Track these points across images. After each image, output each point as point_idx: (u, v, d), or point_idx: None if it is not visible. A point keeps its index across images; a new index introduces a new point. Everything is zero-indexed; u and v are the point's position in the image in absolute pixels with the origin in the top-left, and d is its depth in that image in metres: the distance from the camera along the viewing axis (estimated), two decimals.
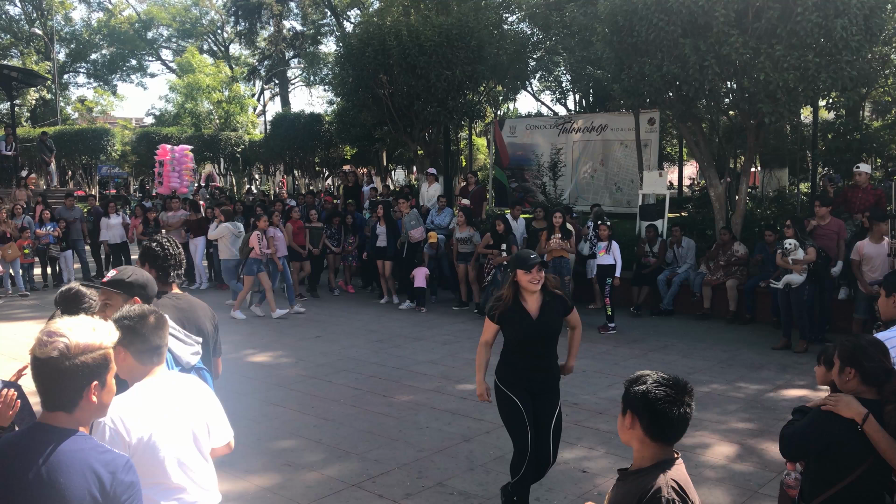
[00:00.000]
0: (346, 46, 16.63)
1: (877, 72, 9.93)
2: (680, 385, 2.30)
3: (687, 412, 2.27)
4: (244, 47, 44.54)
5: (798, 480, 3.18)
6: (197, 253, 14.33)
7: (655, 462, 2.30)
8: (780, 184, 16.75)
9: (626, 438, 2.39)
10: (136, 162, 32.45)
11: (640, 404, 2.29)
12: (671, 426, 2.27)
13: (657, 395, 2.25)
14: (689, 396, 2.29)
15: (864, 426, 2.82)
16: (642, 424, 2.29)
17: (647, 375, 2.34)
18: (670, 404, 2.25)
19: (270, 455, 5.84)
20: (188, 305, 3.92)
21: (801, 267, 8.90)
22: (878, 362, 2.92)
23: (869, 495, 2.90)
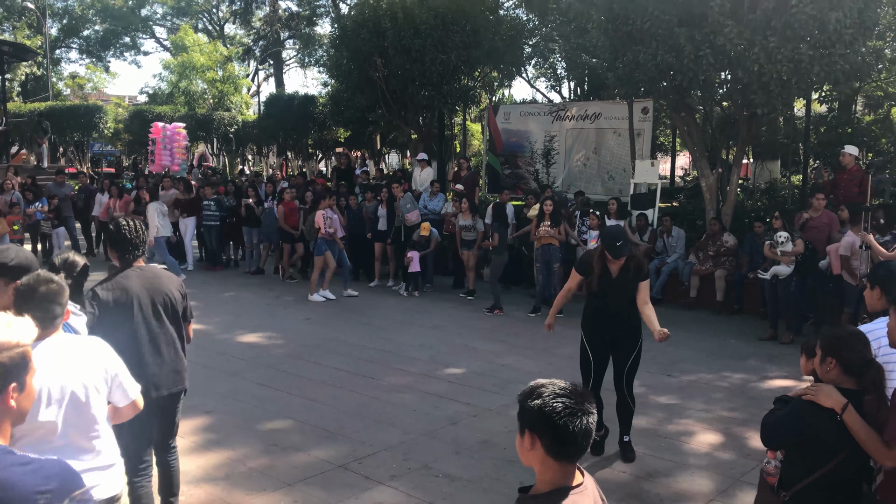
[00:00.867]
0: (340, 28, 16.55)
1: (870, 66, 9.95)
2: (579, 393, 2.06)
3: (590, 423, 2.02)
4: (239, 27, 44.21)
5: (778, 468, 3.23)
6: (187, 233, 14.27)
7: (552, 489, 2.04)
8: (771, 176, 16.81)
9: (526, 460, 2.09)
10: (129, 140, 32.24)
11: (539, 421, 2.01)
12: (574, 442, 2.00)
13: (555, 408, 1.99)
14: (590, 404, 2.05)
15: (843, 416, 2.86)
16: (543, 443, 2.02)
17: (542, 387, 2.08)
18: (571, 417, 1.99)
19: (258, 435, 5.88)
20: (154, 275, 4.15)
21: (789, 259, 8.98)
22: (859, 353, 2.97)
23: (846, 483, 2.95)
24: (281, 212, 13.02)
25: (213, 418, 6.25)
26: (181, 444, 5.59)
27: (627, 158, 14.28)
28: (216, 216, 14.15)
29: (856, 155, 10.69)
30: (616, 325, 5.47)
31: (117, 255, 4.08)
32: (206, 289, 12.26)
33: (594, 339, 5.55)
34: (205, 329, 9.48)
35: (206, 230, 14.39)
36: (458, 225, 11.85)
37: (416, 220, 12.35)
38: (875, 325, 3.56)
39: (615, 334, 5.49)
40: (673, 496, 4.91)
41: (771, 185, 15.55)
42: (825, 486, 2.92)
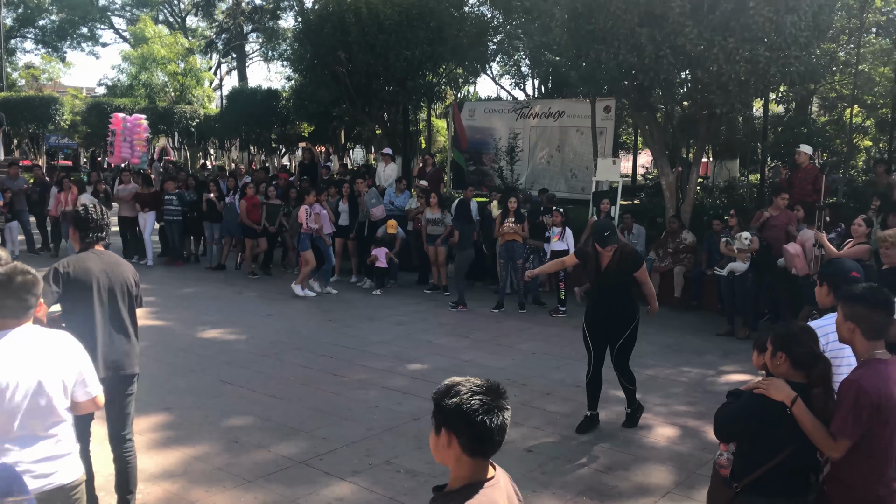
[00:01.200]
0: (304, 22, 16.43)
1: (824, 68, 10.21)
2: (495, 390, 2.09)
3: (505, 419, 2.06)
4: (201, 19, 43.56)
5: (730, 460, 3.30)
6: (146, 228, 14.04)
7: (465, 484, 2.06)
8: (730, 175, 17.09)
9: (441, 458, 2.11)
10: (87, 133, 31.60)
11: (457, 419, 2.03)
12: (491, 438, 2.04)
13: (473, 405, 2.02)
14: (504, 400, 2.08)
15: (792, 408, 2.94)
16: (460, 441, 2.03)
17: (459, 385, 2.08)
18: (489, 414, 2.02)
19: (218, 432, 5.83)
20: (113, 261, 4.29)
21: (745, 256, 9.19)
22: (808, 348, 3.05)
23: (795, 474, 3.03)
24: (243, 206, 12.88)
25: (171, 415, 6.18)
26: (139, 441, 5.52)
27: (590, 156, 14.43)
28: (178, 211, 13.95)
29: (810, 154, 10.94)
30: (610, 313, 5.99)
31: (79, 236, 4.21)
32: (167, 284, 12.09)
33: (592, 327, 6.09)
34: (165, 325, 9.36)
35: (167, 225, 14.18)
36: (426, 219, 11.83)
37: (382, 216, 12.33)
38: (824, 321, 3.67)
39: (610, 322, 6.03)
40: (631, 489, 4.99)
41: (729, 184, 15.82)
42: (775, 477, 3.00)
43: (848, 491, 2.98)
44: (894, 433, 2.95)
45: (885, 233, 5.06)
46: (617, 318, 6.01)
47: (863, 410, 2.87)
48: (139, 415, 6.06)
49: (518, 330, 9.55)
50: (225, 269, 13.69)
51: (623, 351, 6.06)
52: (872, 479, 2.97)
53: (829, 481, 3.05)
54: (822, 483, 3.09)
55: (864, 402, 2.87)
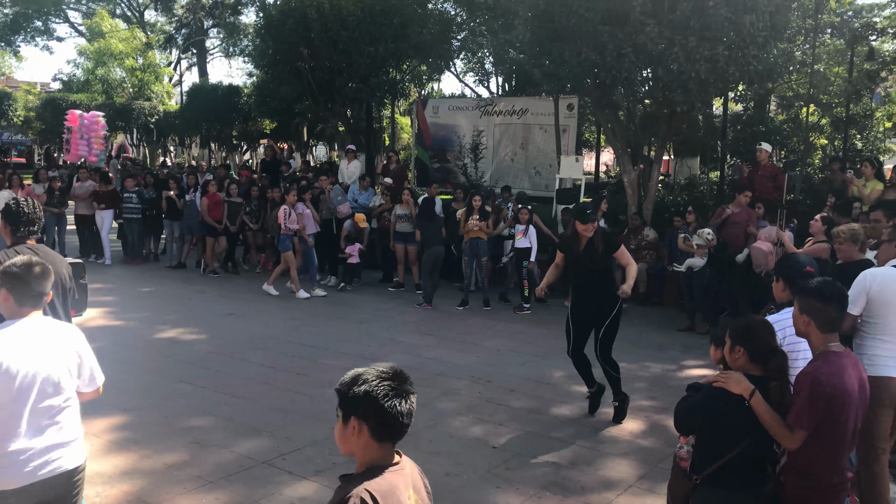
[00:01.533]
0: (266, 18, 16.23)
1: (781, 67, 10.40)
2: (400, 375, 2.14)
3: (412, 404, 2.12)
4: (160, 14, 42.76)
5: (690, 453, 3.35)
6: (104, 226, 13.76)
7: (367, 468, 2.11)
8: (691, 172, 17.35)
9: (349, 448, 2.14)
10: (42, 129, 30.86)
11: (366, 405, 2.07)
12: (399, 422, 2.08)
13: (382, 391, 2.07)
14: (410, 385, 2.14)
15: (751, 401, 3.00)
16: (370, 427, 2.08)
17: (364, 373, 2.13)
18: (398, 398, 2.08)
19: (179, 433, 5.73)
20: (47, 256, 4.17)
21: (703, 252, 9.35)
22: (765, 342, 3.11)
23: (753, 466, 3.09)
24: (204, 204, 12.70)
25: (130, 416, 6.06)
26: (97, 443, 5.42)
27: (553, 154, 14.51)
28: (137, 209, 13.69)
29: (770, 152, 11.15)
30: (592, 297, 6.11)
31: (10, 230, 4.18)
32: (126, 283, 11.87)
33: (575, 311, 6.23)
34: (123, 325, 9.18)
35: (126, 223, 13.91)
36: (395, 214, 11.74)
37: (348, 212, 12.24)
38: (782, 315, 3.74)
39: (591, 308, 6.13)
40: (595, 483, 5.03)
41: (690, 181, 16.05)
42: (734, 468, 3.05)
43: (804, 480, 3.04)
44: (847, 424, 3.02)
45: (839, 228, 5.17)
46: (601, 304, 6.10)
47: (818, 402, 2.93)
48: (97, 416, 5.95)
49: (482, 327, 9.56)
50: (185, 267, 13.48)
51: (607, 336, 6.16)
52: (827, 468, 3.04)
53: (785, 471, 3.11)
54: (779, 473, 3.14)
55: (820, 394, 2.93)
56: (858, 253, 5.00)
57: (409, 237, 11.51)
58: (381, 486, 2.06)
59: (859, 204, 9.19)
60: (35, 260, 3.09)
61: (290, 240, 11.10)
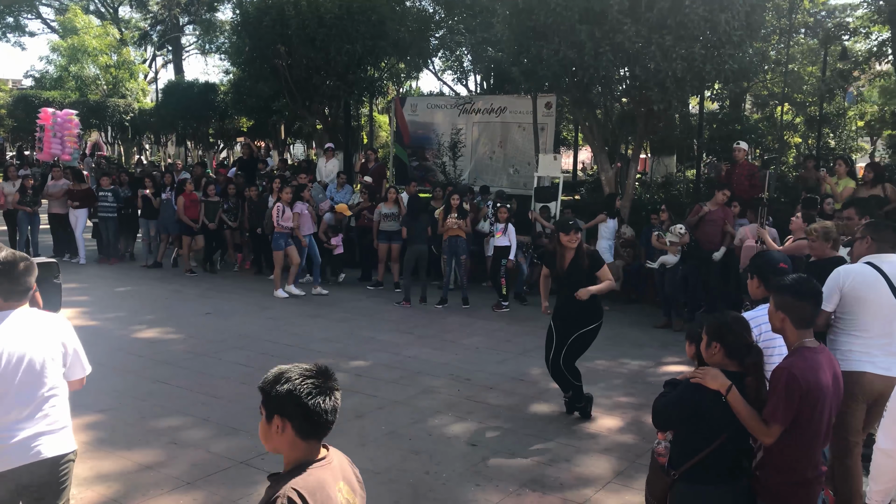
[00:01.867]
0: (242, 14, 16.09)
1: (757, 66, 10.51)
2: (324, 372, 2.15)
3: (337, 400, 2.13)
4: (135, 10, 42.26)
5: (668, 449, 3.37)
6: (78, 225, 13.57)
7: (294, 465, 2.13)
8: (667, 170, 17.51)
9: (273, 446, 2.15)
10: (14, 127, 30.38)
11: (290, 404, 2.08)
12: (324, 420, 2.10)
13: (305, 389, 2.08)
14: (334, 382, 2.16)
15: (727, 397, 3.02)
16: (294, 426, 2.09)
17: (288, 371, 2.13)
18: (321, 396, 2.10)
19: (155, 433, 5.67)
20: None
21: (676, 249, 9.45)
22: (741, 337, 3.14)
23: (730, 461, 3.12)
24: (181, 203, 12.58)
25: (105, 416, 5.99)
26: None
27: (532, 152, 14.54)
28: (113, 207, 13.53)
29: (746, 150, 11.27)
30: (573, 310, 6.10)
31: None
32: (101, 283, 11.73)
33: (556, 319, 6.26)
34: (99, 325, 9.07)
35: (101, 222, 13.74)
36: (380, 213, 11.67)
37: (326, 209, 12.17)
38: (757, 311, 3.78)
39: (572, 318, 6.14)
40: (574, 480, 5.06)
41: (667, 179, 16.19)
42: (711, 463, 3.08)
43: (779, 474, 3.08)
44: (822, 418, 3.06)
45: (812, 226, 5.23)
46: (580, 317, 6.10)
47: (793, 397, 2.97)
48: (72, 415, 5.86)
49: (461, 325, 9.57)
50: (161, 266, 13.35)
51: (577, 345, 6.13)
52: (802, 462, 3.08)
53: (761, 466, 3.15)
54: (755, 468, 3.18)
55: (795, 389, 2.97)
56: (831, 250, 5.07)
57: (394, 236, 11.47)
58: (309, 483, 2.06)
59: (832, 201, 9.32)
60: (19, 255, 3.10)
61: (284, 238, 10.93)
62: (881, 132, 23.87)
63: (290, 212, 10.96)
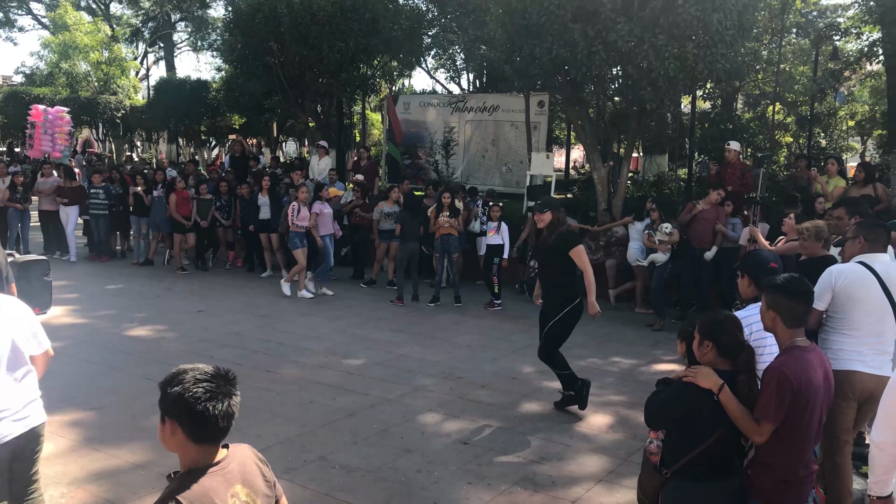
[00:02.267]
0: (235, 12, 16.05)
1: (748, 66, 10.53)
2: (222, 376, 2.13)
3: (231, 405, 2.10)
4: (126, 6, 42.05)
5: (660, 447, 3.38)
6: (69, 223, 13.50)
7: (186, 470, 2.11)
8: (659, 169, 17.53)
9: (169, 447, 2.13)
10: (4, 123, 30.19)
11: (178, 408, 2.05)
12: (215, 425, 2.07)
13: (196, 394, 2.05)
14: (232, 386, 2.13)
15: (719, 395, 3.03)
16: (184, 430, 2.06)
17: (183, 373, 2.10)
18: (212, 401, 2.06)
19: (145, 432, 5.65)
20: None
21: (666, 247, 9.48)
22: (734, 336, 3.15)
23: (722, 459, 3.13)
24: (173, 200, 12.53)
25: (96, 415, 5.96)
26: (60, 443, 5.32)
27: (524, 151, 14.56)
28: (104, 205, 13.46)
29: (738, 150, 11.30)
30: (545, 293, 6.19)
31: None
32: (92, 281, 11.67)
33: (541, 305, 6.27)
34: (90, 323, 9.03)
35: (92, 219, 13.67)
36: (382, 212, 11.60)
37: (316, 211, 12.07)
38: (748, 311, 3.79)
39: (545, 302, 6.22)
40: (565, 478, 5.06)
41: (659, 178, 16.22)
42: (703, 462, 3.08)
43: (771, 473, 3.09)
44: (813, 417, 3.07)
45: (803, 225, 5.25)
46: (550, 300, 6.16)
47: (785, 396, 2.98)
48: (63, 414, 5.85)
49: (454, 323, 9.57)
50: (153, 264, 13.30)
51: (550, 336, 6.16)
52: (794, 461, 3.09)
53: (753, 464, 3.16)
54: (747, 466, 3.19)
55: (786, 388, 2.98)
56: (822, 249, 5.09)
57: (394, 234, 11.42)
58: (194, 493, 2.02)
59: (823, 200, 9.36)
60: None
61: (300, 237, 10.82)
62: (871, 132, 23.99)
63: (307, 211, 10.84)
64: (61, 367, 7.23)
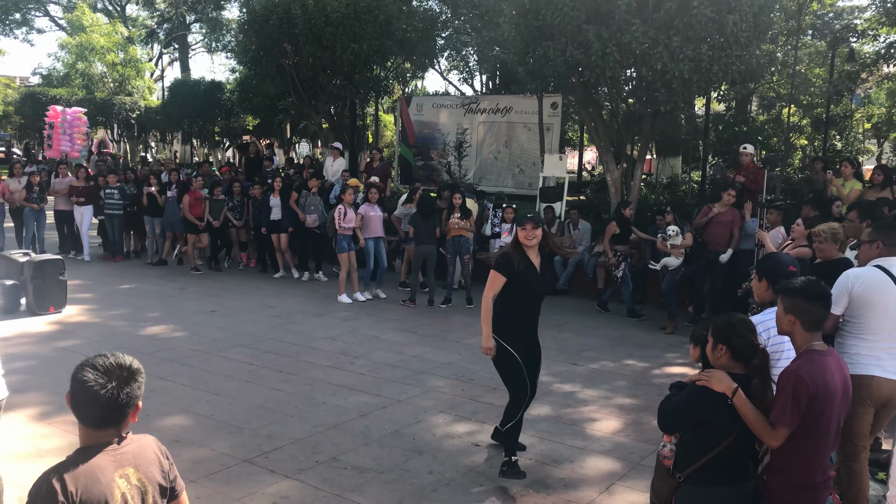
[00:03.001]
0: (249, 13, 16.12)
1: (763, 67, 10.46)
2: (117, 367, 2.22)
3: (119, 394, 2.17)
4: (142, 8, 42.37)
5: (673, 451, 3.35)
6: (83, 222, 13.60)
7: (77, 449, 2.22)
8: (673, 171, 17.46)
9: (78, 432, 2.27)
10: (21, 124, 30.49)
11: (72, 392, 2.19)
12: (100, 410, 2.16)
13: (84, 379, 2.16)
14: (126, 375, 2.22)
15: (733, 399, 3.00)
16: (76, 413, 2.20)
17: (84, 362, 2.22)
18: (95, 388, 2.15)
19: (158, 431, 5.66)
20: None
21: (679, 251, 9.41)
22: (747, 339, 3.11)
23: (735, 464, 3.10)
24: (186, 201, 12.58)
25: None
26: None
27: (537, 152, 14.54)
28: (119, 205, 13.55)
29: (753, 154, 11.23)
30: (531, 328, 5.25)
31: None
32: (106, 280, 11.75)
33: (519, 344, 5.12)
34: (103, 322, 9.09)
35: (107, 219, 13.75)
36: (407, 214, 11.60)
37: (314, 224, 11.96)
38: (765, 315, 3.75)
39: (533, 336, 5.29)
40: (577, 480, 5.04)
41: (672, 181, 16.15)
42: (716, 466, 3.06)
43: (786, 478, 3.05)
44: (830, 422, 3.03)
45: (819, 227, 5.20)
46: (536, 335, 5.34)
47: (801, 400, 2.94)
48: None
49: (465, 325, 9.55)
50: (166, 264, 13.37)
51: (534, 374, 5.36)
52: (811, 466, 3.05)
53: (768, 470, 3.12)
54: (762, 472, 3.15)
55: (802, 392, 2.94)
56: (838, 252, 5.04)
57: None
58: (78, 470, 2.13)
59: (840, 203, 9.27)
60: None
61: (347, 240, 10.74)
62: (888, 135, 23.79)
63: (353, 213, 10.75)
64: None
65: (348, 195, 10.83)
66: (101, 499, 2.12)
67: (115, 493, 2.16)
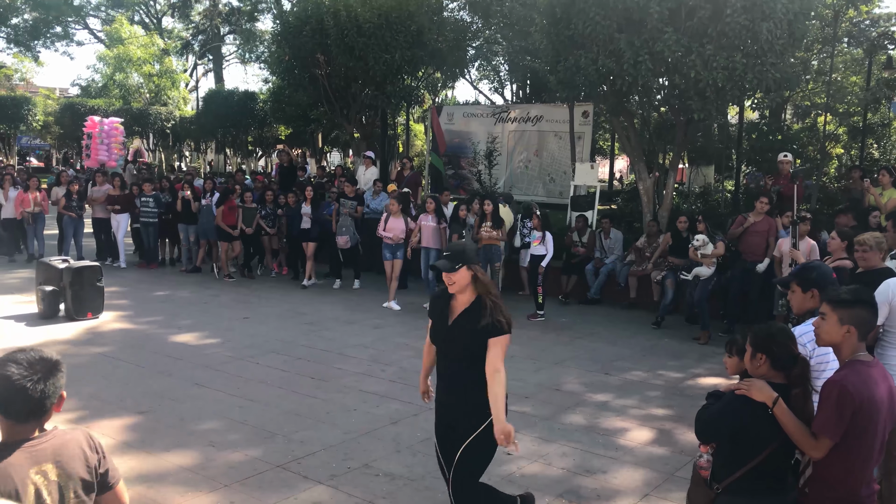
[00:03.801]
0: (283, 24, 16.34)
1: (798, 75, 10.33)
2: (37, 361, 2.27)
3: (34, 389, 2.21)
4: (177, 20, 43.19)
5: (710, 462, 3.30)
6: (119, 230, 13.84)
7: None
8: (705, 180, 17.28)
9: None
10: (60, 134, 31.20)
11: None
12: (23, 405, 2.21)
13: (9, 374, 2.20)
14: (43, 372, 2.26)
15: (774, 409, 2.95)
16: None
17: (7, 356, 2.27)
18: (22, 381, 2.20)
19: (193, 435, 5.74)
20: None
21: (711, 260, 9.30)
22: (787, 349, 3.06)
23: (774, 475, 3.04)
24: (220, 210, 12.74)
25: (144, 418, 6.08)
26: (109, 444, 5.43)
27: (568, 161, 14.49)
28: (154, 213, 13.77)
29: (791, 161, 11.08)
30: (449, 395, 3.90)
31: None
32: (141, 287, 11.93)
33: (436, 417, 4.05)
34: (138, 328, 9.23)
35: (142, 227, 13.99)
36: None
37: (346, 245, 12.06)
38: (807, 326, 3.65)
39: (449, 410, 3.92)
40: (610, 491, 4.99)
41: (705, 190, 15.99)
42: (755, 477, 3.00)
43: (829, 491, 2.98)
44: (875, 434, 2.96)
45: (863, 236, 5.11)
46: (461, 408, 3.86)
47: (845, 411, 2.87)
48: (112, 417, 5.98)
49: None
50: (200, 271, 13.54)
51: (463, 465, 3.85)
52: (856, 480, 2.97)
53: (810, 482, 3.06)
54: (805, 484, 3.09)
55: (847, 403, 2.87)
56: (881, 261, 4.95)
57: None
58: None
59: (878, 213, 9.10)
60: None
61: (390, 249, 10.85)
62: None
63: (395, 222, 10.80)
64: (111, 370, 7.41)
65: (393, 205, 10.92)
66: (11, 493, 2.16)
67: (28, 489, 2.19)
